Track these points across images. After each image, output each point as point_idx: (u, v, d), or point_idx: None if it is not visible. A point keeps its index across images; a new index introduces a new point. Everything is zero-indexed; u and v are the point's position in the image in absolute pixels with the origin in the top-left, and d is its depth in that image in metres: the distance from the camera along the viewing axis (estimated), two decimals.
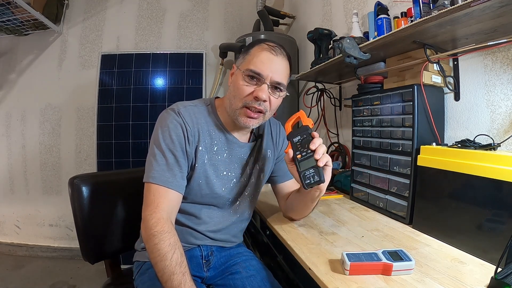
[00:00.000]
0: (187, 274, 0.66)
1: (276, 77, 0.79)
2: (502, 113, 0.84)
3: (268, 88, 0.79)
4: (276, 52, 0.80)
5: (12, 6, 2.01)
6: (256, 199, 0.98)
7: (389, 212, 1.01)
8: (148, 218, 0.72)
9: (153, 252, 0.68)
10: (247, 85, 0.79)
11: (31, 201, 2.49)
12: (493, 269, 0.55)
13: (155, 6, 2.52)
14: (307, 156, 0.74)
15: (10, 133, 2.49)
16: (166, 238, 0.69)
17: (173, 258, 0.66)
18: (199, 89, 2.39)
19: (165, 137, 0.78)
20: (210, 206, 0.88)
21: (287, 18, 2.41)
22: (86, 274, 2.15)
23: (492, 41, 0.81)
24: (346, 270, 0.61)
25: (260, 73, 0.78)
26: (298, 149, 0.75)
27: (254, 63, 0.78)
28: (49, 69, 2.46)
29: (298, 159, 0.75)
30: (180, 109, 0.81)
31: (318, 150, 0.73)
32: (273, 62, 0.79)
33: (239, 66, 0.82)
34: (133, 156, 2.30)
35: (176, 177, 0.77)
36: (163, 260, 0.66)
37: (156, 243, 0.68)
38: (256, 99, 0.79)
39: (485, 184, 0.67)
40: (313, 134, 0.75)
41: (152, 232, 0.69)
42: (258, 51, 0.80)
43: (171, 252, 0.67)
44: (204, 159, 0.82)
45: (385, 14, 1.11)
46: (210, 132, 0.85)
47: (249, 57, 0.81)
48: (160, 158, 0.77)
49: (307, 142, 0.75)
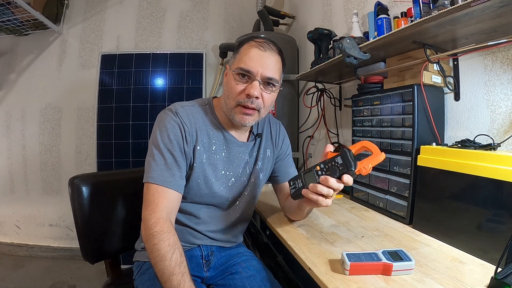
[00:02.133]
0: (187, 274, 0.66)
1: (267, 72, 0.78)
2: (502, 113, 0.84)
3: (259, 85, 0.78)
4: (265, 47, 0.80)
5: (12, 6, 2.01)
6: (256, 199, 0.98)
7: (389, 212, 1.01)
8: (147, 218, 0.72)
9: (152, 252, 0.68)
10: (238, 83, 0.79)
11: (31, 201, 2.49)
12: (493, 269, 0.55)
13: (155, 6, 2.52)
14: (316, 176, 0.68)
15: (10, 133, 2.49)
16: (165, 238, 0.69)
17: (172, 258, 0.66)
18: (199, 89, 2.39)
19: (163, 138, 0.78)
20: (210, 206, 0.88)
21: (287, 18, 2.41)
22: (86, 274, 2.15)
23: (492, 41, 0.81)
24: (346, 270, 0.61)
25: (250, 70, 0.78)
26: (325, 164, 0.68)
27: (244, 61, 0.78)
28: (49, 69, 2.46)
29: (314, 167, 0.69)
30: (177, 109, 0.82)
31: (316, 186, 0.67)
32: (262, 57, 0.78)
33: (230, 66, 0.82)
34: (133, 156, 2.30)
35: (175, 176, 0.77)
36: (163, 260, 0.66)
37: (156, 243, 0.68)
38: (248, 97, 0.78)
39: (485, 184, 0.67)
40: (343, 178, 0.66)
41: (151, 232, 0.69)
42: (247, 48, 0.80)
43: (170, 252, 0.67)
44: (202, 159, 0.83)
45: (385, 14, 1.10)
46: (208, 132, 0.85)
47: (238, 56, 0.81)
48: (158, 158, 0.77)
49: (332, 173, 0.66)
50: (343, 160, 0.65)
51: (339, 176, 0.66)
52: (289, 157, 1.03)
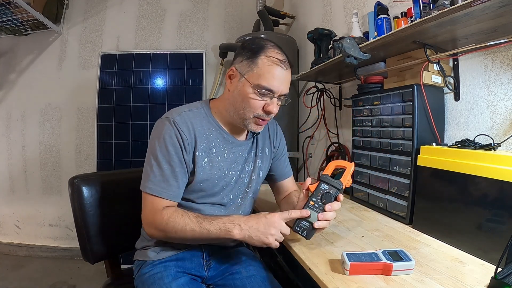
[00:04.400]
0: (205, 218, 0.76)
1: (285, 90, 0.82)
2: (502, 113, 0.84)
3: (277, 101, 0.82)
4: (286, 66, 0.81)
5: (12, 6, 2.01)
6: (256, 196, 0.99)
7: (389, 212, 1.01)
8: (153, 220, 0.77)
9: (176, 232, 0.75)
10: (259, 99, 0.80)
11: (31, 201, 2.49)
12: (493, 269, 0.55)
13: (155, 6, 2.52)
14: (315, 209, 0.73)
15: (10, 133, 2.49)
16: (176, 215, 0.76)
17: (191, 217, 0.75)
18: (199, 89, 2.39)
19: (161, 149, 0.79)
20: (214, 204, 0.88)
21: (287, 18, 2.41)
22: (86, 274, 2.15)
23: (492, 41, 0.81)
24: (346, 270, 0.61)
25: (273, 90, 0.79)
26: (316, 196, 0.74)
27: (267, 79, 0.78)
28: (49, 69, 2.46)
29: (308, 204, 0.74)
30: (175, 118, 0.81)
31: (327, 214, 0.72)
32: (284, 77, 0.81)
33: (245, 76, 0.79)
34: (133, 156, 2.30)
35: (172, 187, 0.79)
36: (186, 225, 0.74)
37: (173, 225, 0.75)
38: (267, 113, 0.81)
39: (485, 184, 0.67)
40: (339, 198, 0.74)
41: (164, 225, 0.75)
42: (270, 65, 0.78)
43: (186, 216, 0.75)
44: (202, 163, 0.83)
45: (385, 14, 1.10)
46: (207, 135, 0.85)
47: (258, 69, 0.78)
48: (156, 169, 0.79)
49: (328, 199, 0.73)
50: (329, 185, 0.74)
51: (335, 199, 0.74)
52: (285, 156, 1.05)
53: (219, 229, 0.73)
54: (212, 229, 0.73)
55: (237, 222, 0.73)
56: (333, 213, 0.73)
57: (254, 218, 0.73)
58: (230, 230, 0.72)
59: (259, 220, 0.72)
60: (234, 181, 0.90)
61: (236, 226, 0.72)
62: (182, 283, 0.79)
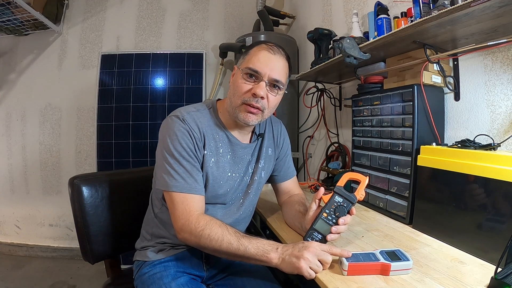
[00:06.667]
0: (243, 236, 0.72)
1: (274, 74, 0.80)
2: (502, 113, 0.84)
3: (266, 86, 0.80)
4: (274, 51, 0.82)
5: (12, 6, 2.01)
6: (257, 197, 0.99)
7: (389, 212, 1.01)
8: (187, 224, 0.74)
9: (211, 241, 0.71)
10: (246, 82, 0.81)
11: (31, 201, 2.49)
12: (493, 269, 0.55)
13: (155, 6, 2.52)
14: (328, 222, 0.72)
15: (10, 133, 2.49)
16: (214, 224, 0.73)
17: (230, 230, 0.73)
18: (199, 89, 2.39)
19: (175, 145, 0.79)
20: (216, 204, 0.88)
21: (287, 18, 2.41)
22: (86, 274, 2.15)
23: (492, 41, 0.81)
24: (344, 271, 0.61)
25: (258, 70, 0.79)
26: (329, 208, 0.73)
27: (253, 62, 0.80)
28: (49, 69, 2.46)
29: (321, 215, 0.73)
30: (184, 115, 0.82)
31: (340, 228, 0.72)
32: (271, 60, 0.81)
33: (239, 66, 0.84)
34: (133, 156, 2.30)
35: (198, 182, 0.79)
36: (225, 237, 0.71)
37: (209, 233, 0.72)
38: (254, 96, 0.80)
39: (485, 184, 0.67)
40: (352, 211, 0.74)
41: (199, 231, 0.73)
42: (257, 50, 0.83)
43: (224, 228, 0.73)
44: (210, 163, 0.83)
45: (385, 14, 1.10)
46: (214, 135, 0.86)
47: (248, 56, 0.83)
48: (177, 166, 0.78)
49: (341, 212, 0.72)
50: (344, 198, 0.73)
51: (348, 212, 0.73)
52: (289, 157, 1.05)
53: (258, 248, 0.69)
54: (251, 247, 0.69)
55: (275, 245, 0.70)
56: (345, 227, 0.73)
57: (291, 244, 0.71)
58: (268, 252, 0.68)
59: (296, 245, 0.69)
60: (238, 183, 0.90)
61: (274, 250, 0.68)
62: (181, 282, 0.78)
